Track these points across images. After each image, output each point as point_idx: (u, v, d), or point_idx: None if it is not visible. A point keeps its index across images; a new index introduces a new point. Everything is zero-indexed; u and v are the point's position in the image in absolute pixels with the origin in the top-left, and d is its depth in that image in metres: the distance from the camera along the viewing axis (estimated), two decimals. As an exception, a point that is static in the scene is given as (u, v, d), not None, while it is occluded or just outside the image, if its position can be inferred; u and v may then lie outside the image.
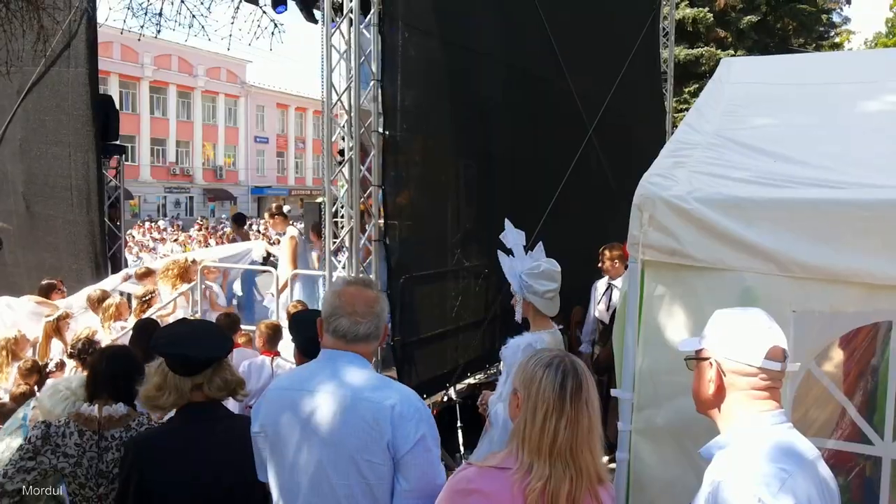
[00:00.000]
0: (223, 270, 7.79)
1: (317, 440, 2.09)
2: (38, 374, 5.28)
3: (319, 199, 8.11)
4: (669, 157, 3.11)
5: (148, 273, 7.51)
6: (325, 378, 2.15)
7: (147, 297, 6.95)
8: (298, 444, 2.11)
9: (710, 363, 1.98)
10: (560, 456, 1.89)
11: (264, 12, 7.58)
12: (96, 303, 6.47)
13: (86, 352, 4.99)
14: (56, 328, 6.11)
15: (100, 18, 7.54)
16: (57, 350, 5.96)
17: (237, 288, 8.67)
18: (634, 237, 2.79)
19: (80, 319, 6.61)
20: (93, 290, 6.83)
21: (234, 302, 8.34)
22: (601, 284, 6.59)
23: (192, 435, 2.50)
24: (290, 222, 7.84)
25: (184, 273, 7.16)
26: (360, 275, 5.46)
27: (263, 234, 19.91)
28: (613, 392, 2.88)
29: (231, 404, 2.96)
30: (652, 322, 2.77)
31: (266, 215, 8.76)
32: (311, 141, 56.05)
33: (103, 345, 4.87)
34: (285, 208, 7.89)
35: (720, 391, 1.96)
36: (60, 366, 5.48)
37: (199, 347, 2.55)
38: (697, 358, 2.04)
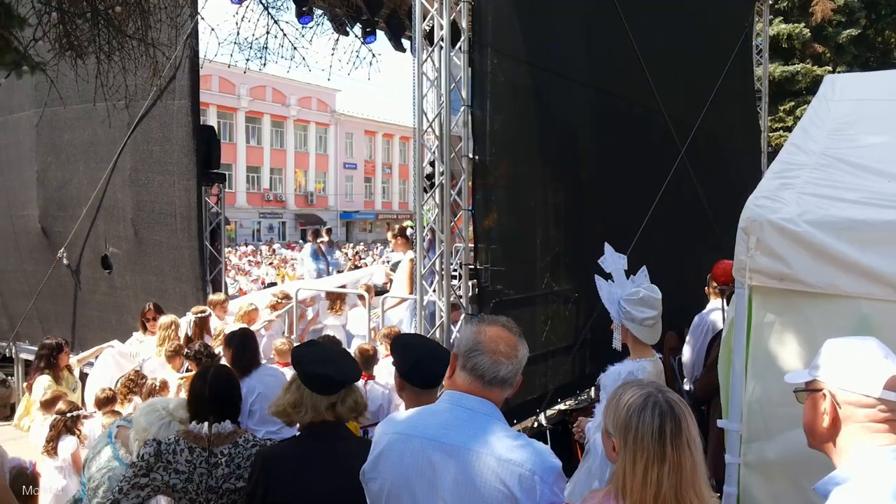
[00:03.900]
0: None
1: (447, 497, 1.98)
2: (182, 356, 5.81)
3: (407, 223, 8.21)
4: (776, 179, 3.00)
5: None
6: (457, 430, 2.02)
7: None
8: (422, 498, 2.01)
9: (824, 394, 1.88)
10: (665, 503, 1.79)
11: (363, 43, 7.83)
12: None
13: (202, 354, 5.30)
14: (201, 323, 6.50)
15: (209, 54, 7.91)
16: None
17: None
18: (741, 262, 2.70)
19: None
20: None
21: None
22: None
23: (318, 453, 2.57)
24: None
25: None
26: (500, 316, 5.44)
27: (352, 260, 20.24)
28: (720, 423, 2.77)
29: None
30: (761, 350, 2.66)
31: (389, 235, 9.01)
32: (397, 166, 57.24)
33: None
34: (408, 231, 7.99)
35: (835, 424, 1.87)
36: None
37: (340, 369, 2.65)
38: (809, 389, 1.95)
